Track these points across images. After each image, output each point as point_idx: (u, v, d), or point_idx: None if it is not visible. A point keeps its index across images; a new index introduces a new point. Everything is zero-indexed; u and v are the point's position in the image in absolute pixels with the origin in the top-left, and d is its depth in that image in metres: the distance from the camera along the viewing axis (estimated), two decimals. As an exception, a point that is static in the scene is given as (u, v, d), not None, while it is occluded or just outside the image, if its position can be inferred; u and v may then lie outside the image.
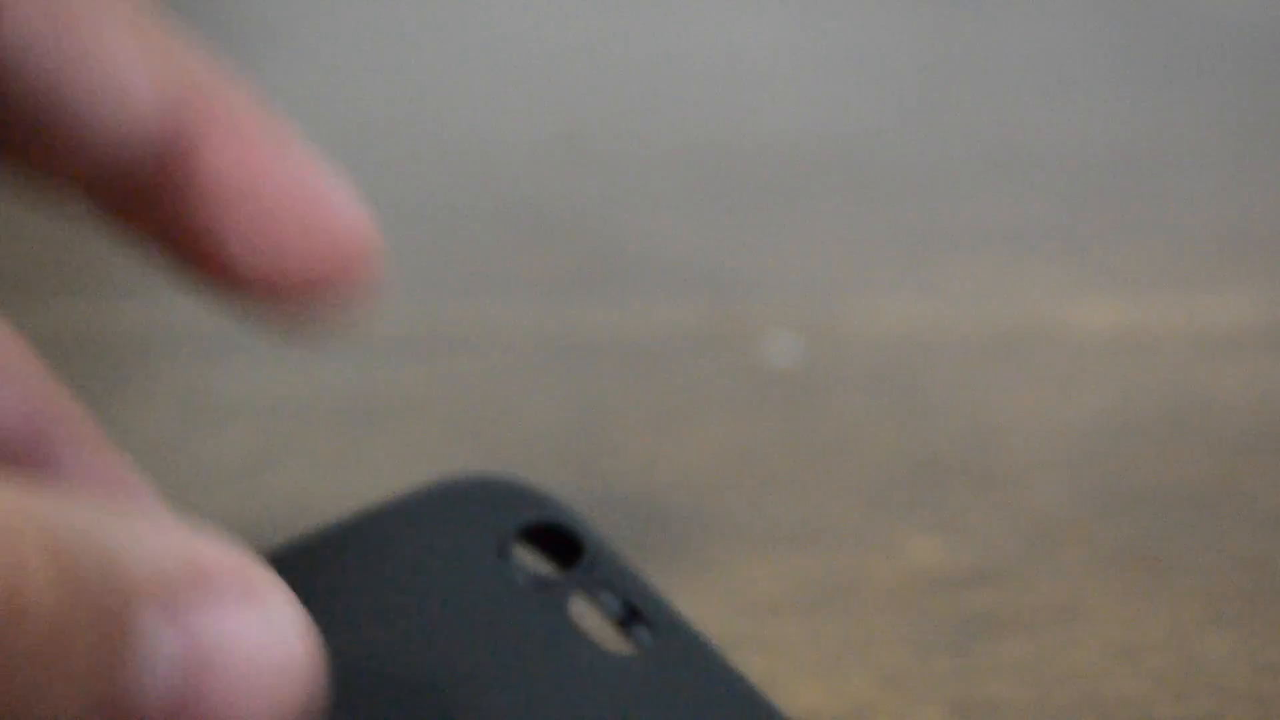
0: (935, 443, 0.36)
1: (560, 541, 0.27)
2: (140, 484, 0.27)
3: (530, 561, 0.30)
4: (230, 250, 0.26)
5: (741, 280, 0.42)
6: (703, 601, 0.32)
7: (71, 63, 0.25)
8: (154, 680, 0.20)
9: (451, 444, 0.36)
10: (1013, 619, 0.31)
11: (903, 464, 0.35)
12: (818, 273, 0.42)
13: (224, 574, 0.21)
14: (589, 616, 0.29)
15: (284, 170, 0.26)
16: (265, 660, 0.21)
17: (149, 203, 0.26)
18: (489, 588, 0.26)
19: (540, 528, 0.27)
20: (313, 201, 0.26)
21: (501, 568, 0.27)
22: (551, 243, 0.43)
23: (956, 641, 0.31)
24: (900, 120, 0.48)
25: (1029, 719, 0.29)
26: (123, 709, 0.20)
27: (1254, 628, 0.31)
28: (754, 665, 0.30)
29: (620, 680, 0.26)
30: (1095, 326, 0.40)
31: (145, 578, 0.20)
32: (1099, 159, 0.46)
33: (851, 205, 0.45)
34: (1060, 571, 0.32)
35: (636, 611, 0.27)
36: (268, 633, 0.21)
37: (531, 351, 0.39)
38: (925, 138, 0.47)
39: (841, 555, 0.33)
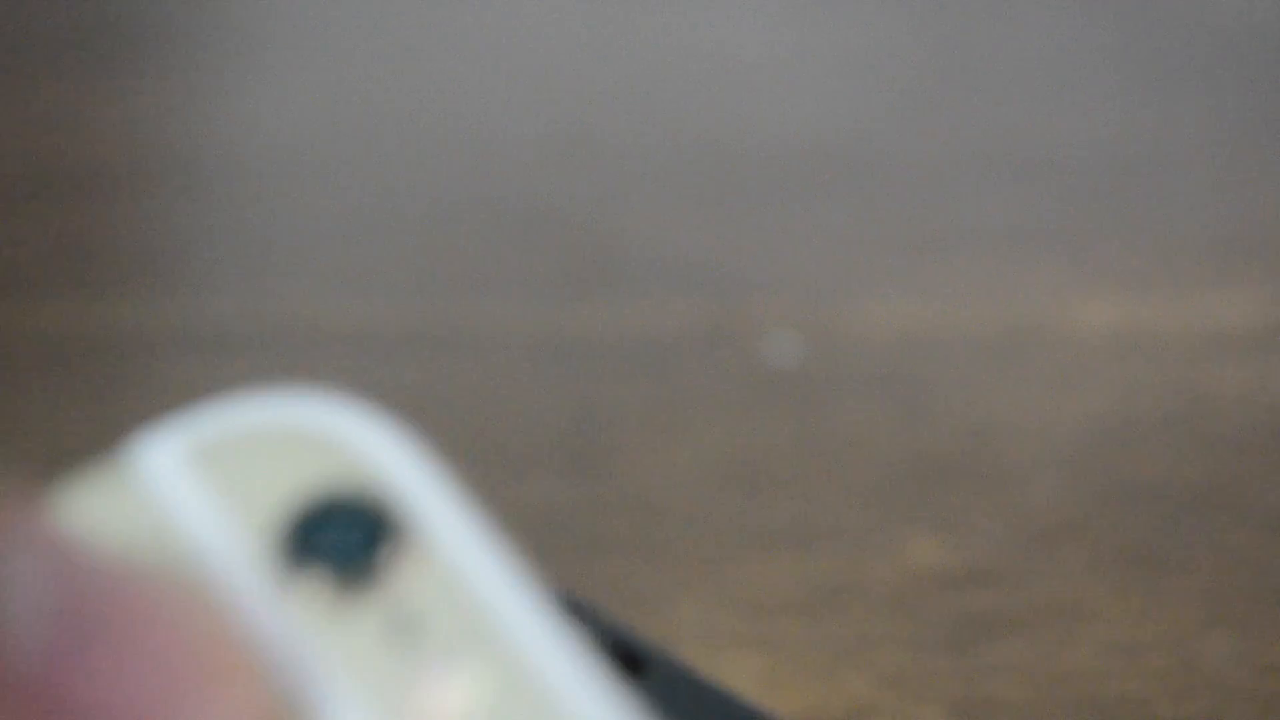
0: (935, 443, 0.36)
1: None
2: None
3: None
4: None
5: (741, 280, 0.42)
6: (703, 601, 0.32)
7: None
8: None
9: (452, 444, 0.36)
10: (1013, 619, 0.31)
11: (903, 464, 0.35)
12: (818, 273, 0.42)
13: None
14: None
15: None
16: None
17: None
18: None
19: None
20: None
21: None
22: (551, 242, 0.43)
23: (956, 641, 0.31)
24: (900, 120, 0.48)
25: (1029, 719, 0.29)
26: None
27: (1254, 628, 0.31)
28: (754, 665, 0.30)
29: None
30: (1095, 326, 0.40)
31: None
32: (1099, 159, 0.46)
33: (851, 205, 0.45)
34: (1060, 571, 0.32)
35: (632, 653, 0.26)
36: None
37: (531, 351, 0.39)
38: (925, 138, 0.47)
39: (841, 555, 0.33)
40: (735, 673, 0.30)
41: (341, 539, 0.19)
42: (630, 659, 0.27)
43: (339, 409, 0.20)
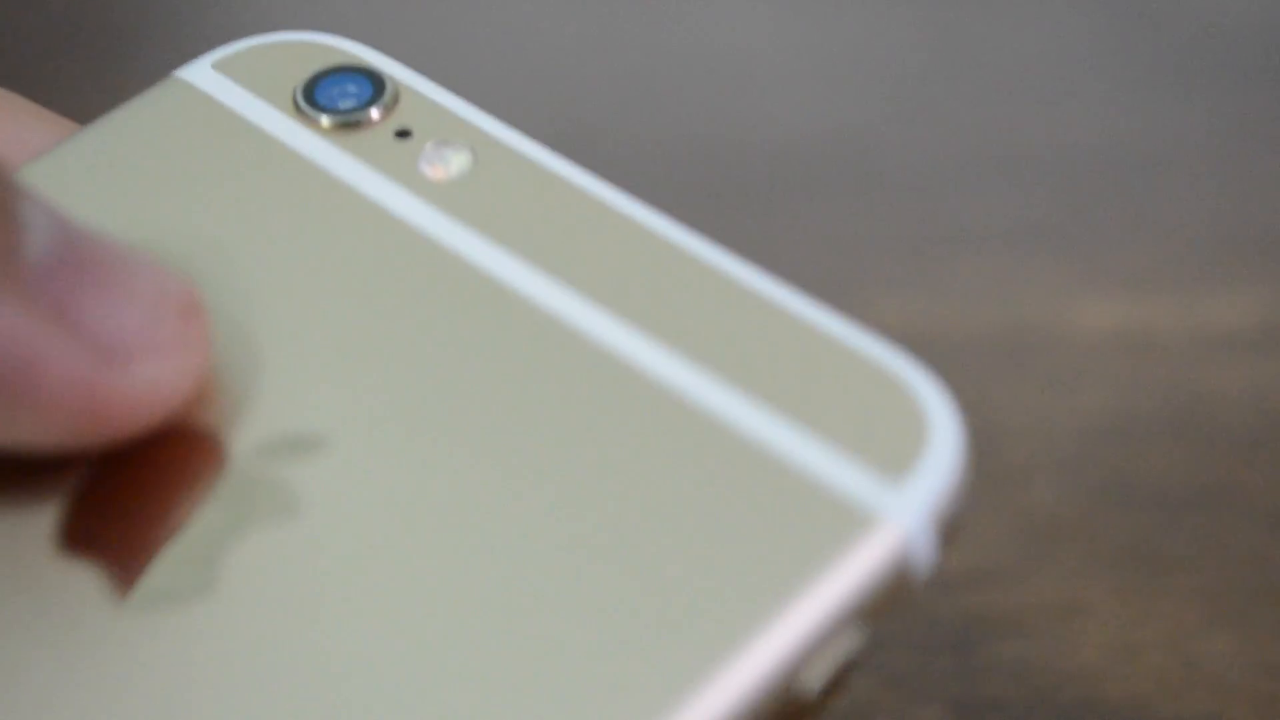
0: (935, 443, 0.36)
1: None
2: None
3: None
4: None
5: (741, 280, 0.41)
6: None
7: None
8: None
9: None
10: (1013, 619, 0.31)
11: (903, 464, 0.35)
12: (818, 273, 0.42)
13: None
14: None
15: None
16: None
17: None
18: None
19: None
20: None
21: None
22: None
23: (956, 641, 0.31)
24: (900, 120, 0.48)
25: (1029, 719, 0.29)
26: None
27: (1254, 628, 0.31)
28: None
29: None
30: (1096, 326, 0.40)
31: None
32: (1099, 159, 0.46)
33: (852, 205, 0.44)
34: (1060, 571, 0.32)
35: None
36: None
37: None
38: (925, 137, 0.47)
39: (841, 555, 0.33)
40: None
41: (345, 92, 0.24)
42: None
43: (324, 34, 0.26)
